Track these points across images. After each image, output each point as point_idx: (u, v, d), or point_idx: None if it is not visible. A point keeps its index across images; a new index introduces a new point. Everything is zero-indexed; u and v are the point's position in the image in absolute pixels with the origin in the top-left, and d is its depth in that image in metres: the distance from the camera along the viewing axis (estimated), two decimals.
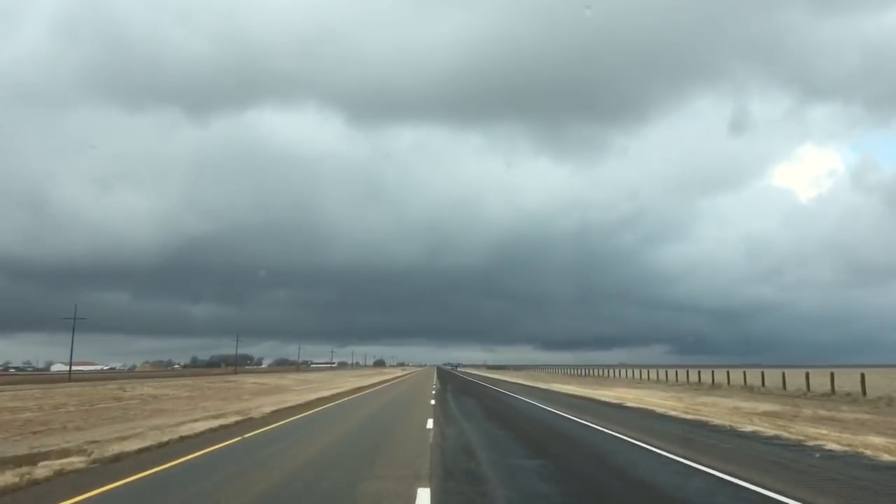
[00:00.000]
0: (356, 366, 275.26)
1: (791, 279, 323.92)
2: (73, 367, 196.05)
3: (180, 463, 11.79)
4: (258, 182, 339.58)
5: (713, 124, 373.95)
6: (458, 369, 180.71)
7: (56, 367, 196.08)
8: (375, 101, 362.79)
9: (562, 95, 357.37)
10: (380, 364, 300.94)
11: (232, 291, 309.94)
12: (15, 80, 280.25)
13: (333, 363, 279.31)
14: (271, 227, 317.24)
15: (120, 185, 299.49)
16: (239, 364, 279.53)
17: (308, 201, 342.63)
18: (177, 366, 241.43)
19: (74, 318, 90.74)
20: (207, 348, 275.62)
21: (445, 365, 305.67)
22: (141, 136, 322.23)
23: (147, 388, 42.61)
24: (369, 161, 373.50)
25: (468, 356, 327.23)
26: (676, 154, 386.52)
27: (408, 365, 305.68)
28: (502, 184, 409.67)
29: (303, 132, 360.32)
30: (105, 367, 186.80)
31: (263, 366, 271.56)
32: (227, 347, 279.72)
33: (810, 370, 40.81)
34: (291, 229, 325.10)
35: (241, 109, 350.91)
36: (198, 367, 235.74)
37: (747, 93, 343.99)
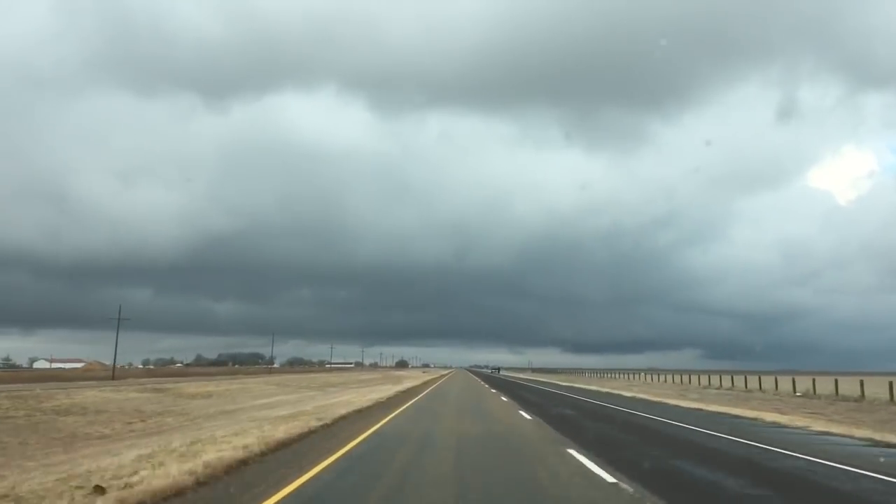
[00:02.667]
0: (374, 367, 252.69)
1: (829, 283, 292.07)
2: (56, 364, 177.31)
3: None
4: (278, 174, 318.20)
5: (758, 112, 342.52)
6: (501, 373, 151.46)
7: (39, 364, 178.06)
8: (399, 86, 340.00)
9: (598, 78, 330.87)
10: (402, 365, 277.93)
11: (254, 289, 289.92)
12: (19, 63, 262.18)
13: (350, 363, 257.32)
14: (291, 221, 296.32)
15: (137, 178, 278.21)
16: (250, 363, 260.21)
17: (325, 194, 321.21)
18: (179, 364, 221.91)
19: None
20: (233, 347, 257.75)
21: (473, 367, 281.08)
22: (157, 125, 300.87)
23: None
24: (393, 154, 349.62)
25: (495, 358, 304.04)
26: (716, 146, 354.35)
27: (431, 367, 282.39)
28: (532, 177, 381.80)
29: (322, 120, 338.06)
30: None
31: (276, 365, 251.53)
32: (253, 346, 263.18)
33: (864, 377, 38.46)
34: (311, 223, 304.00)
35: (259, 94, 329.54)
36: (201, 365, 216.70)
37: (796, 78, 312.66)
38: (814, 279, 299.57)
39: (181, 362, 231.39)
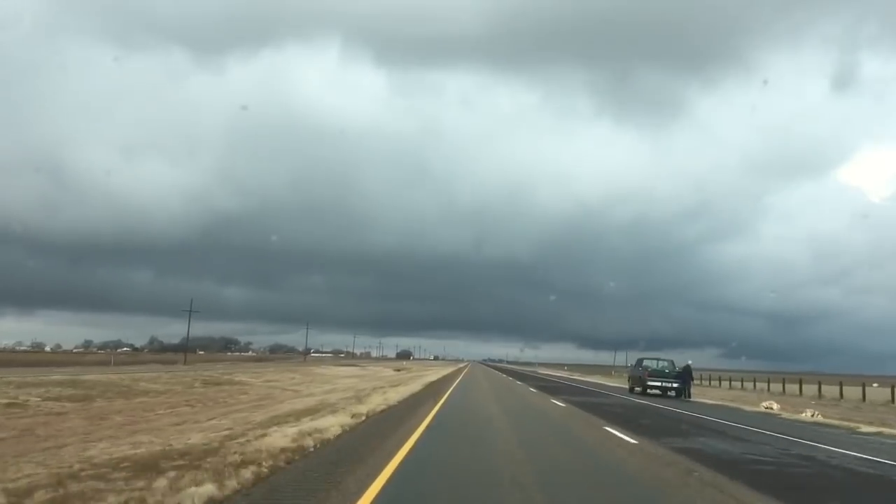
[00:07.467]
0: (364, 356, 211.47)
1: (861, 282, 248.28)
2: None
3: None
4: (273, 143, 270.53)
5: (810, 84, 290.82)
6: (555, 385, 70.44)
7: None
8: (410, 41, 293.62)
9: (636, 32, 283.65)
10: (404, 356, 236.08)
11: (257, 272, 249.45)
12: None
13: (328, 353, 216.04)
14: (300, 198, 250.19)
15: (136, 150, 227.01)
16: (220, 350, 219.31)
17: (316, 160, 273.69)
18: (126, 349, 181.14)
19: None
20: (238, 333, 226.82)
21: (487, 361, 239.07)
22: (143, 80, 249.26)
23: None
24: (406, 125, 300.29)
25: (509, 353, 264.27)
26: (759, 123, 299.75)
27: (436, 358, 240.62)
28: (556, 157, 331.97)
29: (327, 82, 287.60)
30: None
31: (249, 353, 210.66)
32: (261, 334, 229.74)
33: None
34: (309, 203, 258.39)
35: (256, 49, 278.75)
36: (154, 351, 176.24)
37: (856, 44, 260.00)
38: (844, 278, 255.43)
39: (131, 346, 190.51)
